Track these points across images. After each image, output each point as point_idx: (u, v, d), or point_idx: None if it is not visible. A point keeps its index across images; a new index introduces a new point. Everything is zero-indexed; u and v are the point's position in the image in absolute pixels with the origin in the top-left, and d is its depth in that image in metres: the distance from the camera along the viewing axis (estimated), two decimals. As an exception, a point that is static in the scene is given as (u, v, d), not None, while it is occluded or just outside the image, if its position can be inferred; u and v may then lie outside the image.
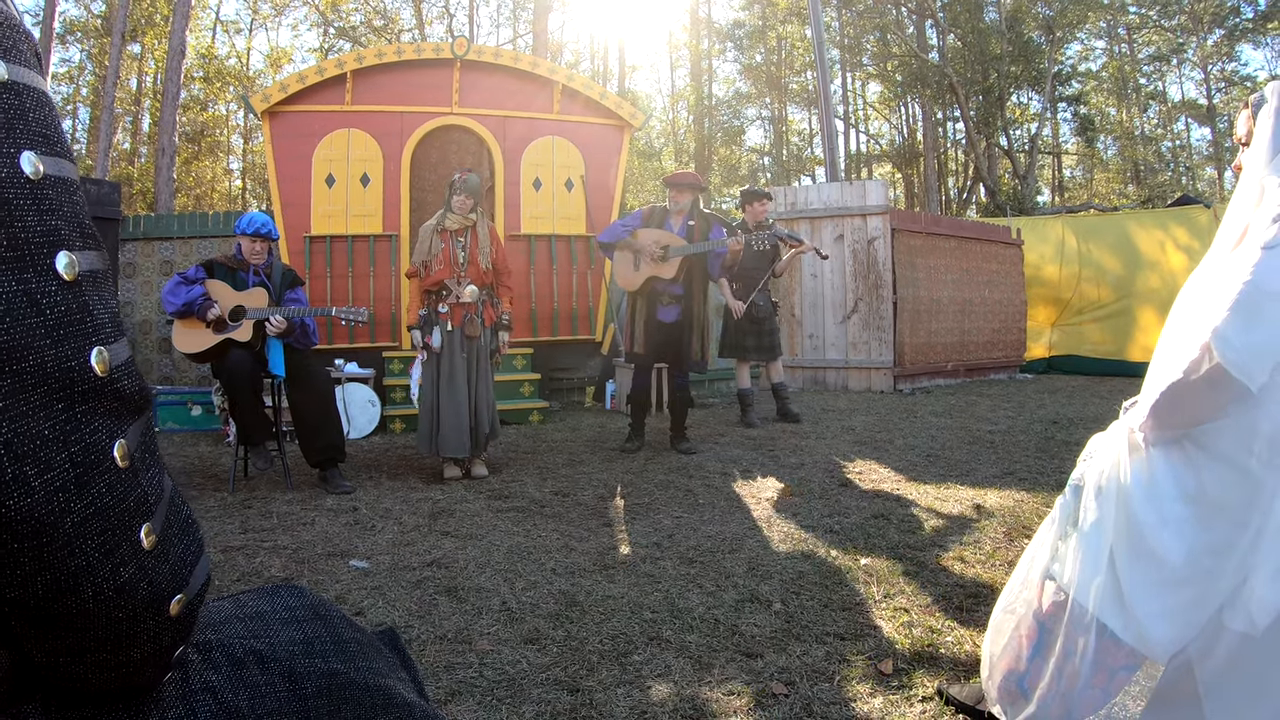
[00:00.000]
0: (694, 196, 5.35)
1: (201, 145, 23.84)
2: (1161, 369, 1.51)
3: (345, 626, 0.83)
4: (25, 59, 0.50)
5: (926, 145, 26.19)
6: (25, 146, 0.48)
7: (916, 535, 3.45)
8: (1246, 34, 24.17)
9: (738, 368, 6.64)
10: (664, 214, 5.35)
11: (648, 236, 5.23)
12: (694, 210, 5.32)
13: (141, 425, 0.54)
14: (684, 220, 5.29)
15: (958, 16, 22.24)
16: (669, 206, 5.34)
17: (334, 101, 7.13)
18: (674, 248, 5.15)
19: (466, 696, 2.07)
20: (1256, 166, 1.52)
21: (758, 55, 28.17)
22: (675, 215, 5.32)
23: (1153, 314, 9.69)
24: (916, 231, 9.07)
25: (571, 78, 7.95)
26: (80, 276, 0.50)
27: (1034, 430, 6.06)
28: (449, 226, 4.64)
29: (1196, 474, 1.49)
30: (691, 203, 5.32)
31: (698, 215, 5.31)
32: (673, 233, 5.24)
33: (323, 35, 25.95)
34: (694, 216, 5.29)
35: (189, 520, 0.60)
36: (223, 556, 3.25)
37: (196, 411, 6.83)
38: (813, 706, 2.01)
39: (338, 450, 4.48)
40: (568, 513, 3.91)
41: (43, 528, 0.46)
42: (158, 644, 0.57)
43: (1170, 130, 28.24)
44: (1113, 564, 1.56)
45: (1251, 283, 1.37)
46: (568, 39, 28.39)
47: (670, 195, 5.36)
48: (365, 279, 7.20)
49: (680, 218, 5.30)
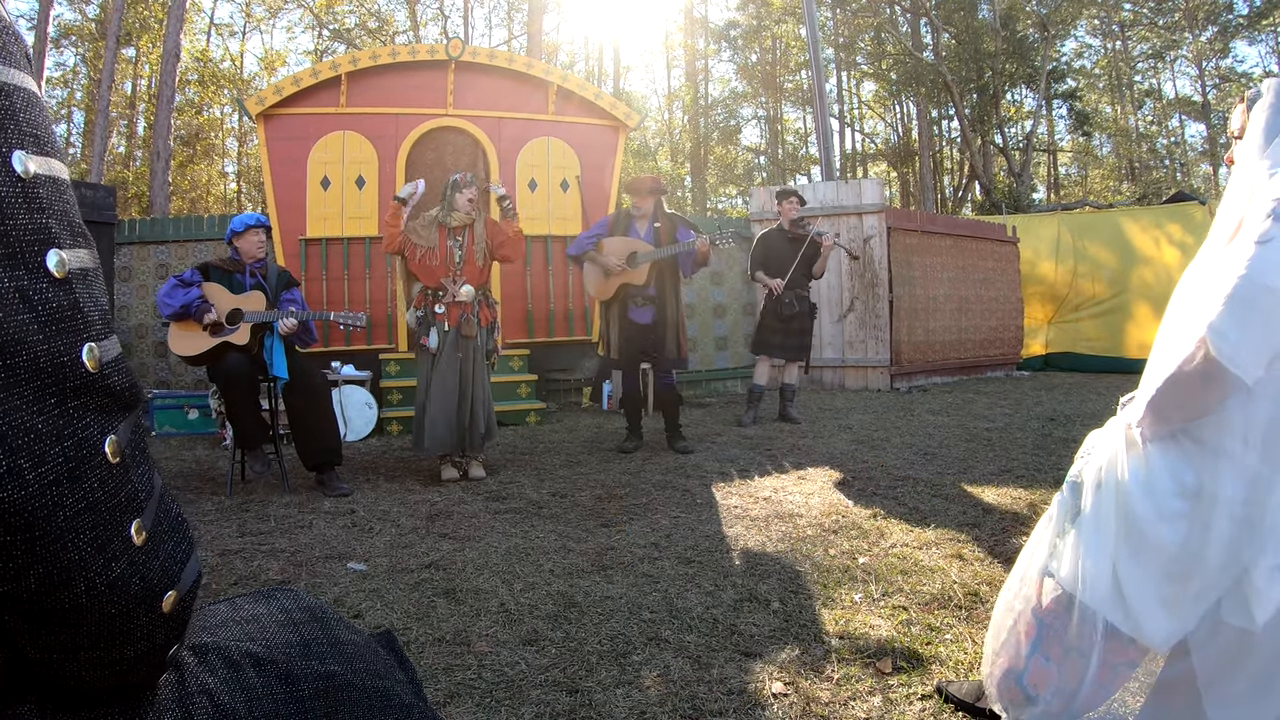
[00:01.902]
0: (656, 199, 5.33)
1: (196, 148, 23.81)
2: (1158, 364, 1.51)
3: (342, 629, 0.83)
4: (15, 60, 0.50)
5: (922, 144, 26.24)
6: (16, 146, 0.48)
7: (914, 533, 3.45)
8: (1240, 30, 24.26)
9: (759, 363, 6.56)
10: (629, 219, 5.35)
11: (613, 246, 5.24)
12: (658, 212, 5.30)
13: (132, 422, 0.55)
14: (649, 224, 5.29)
15: (952, 14, 22.27)
16: (632, 212, 5.35)
17: (329, 104, 7.12)
18: (641, 254, 5.16)
19: (465, 698, 2.07)
20: (1249, 160, 1.52)
21: (753, 55, 28.20)
22: (640, 220, 5.32)
23: (1149, 310, 9.72)
24: (912, 230, 9.08)
25: (566, 78, 7.94)
26: (71, 274, 0.50)
27: (1031, 427, 6.07)
28: (450, 223, 4.63)
29: (1194, 469, 1.50)
30: (655, 205, 5.31)
31: (663, 217, 5.29)
32: (639, 237, 5.25)
33: (317, 38, 25.92)
34: (659, 219, 5.28)
35: (179, 518, 0.60)
36: (220, 560, 3.24)
37: (193, 415, 6.81)
38: (812, 705, 2.01)
39: (335, 453, 4.47)
40: (565, 513, 3.91)
41: (36, 521, 0.47)
42: (151, 641, 0.57)
43: (1165, 127, 28.34)
44: (1112, 559, 1.56)
45: (1246, 277, 1.37)
46: (562, 40, 28.46)
47: (632, 201, 5.36)
48: (361, 281, 7.19)
49: (645, 222, 5.31)
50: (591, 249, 5.26)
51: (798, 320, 6.29)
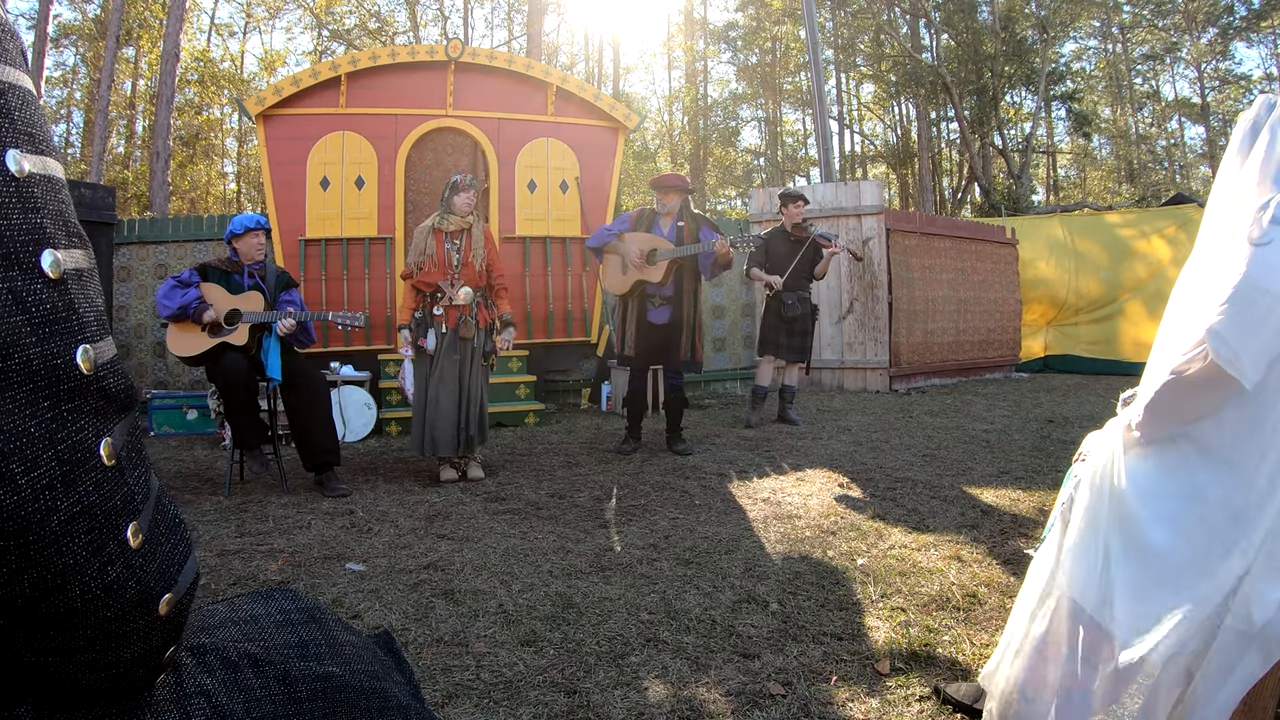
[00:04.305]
0: (682, 198, 5.32)
1: (196, 149, 23.80)
2: (1157, 366, 1.51)
3: (340, 629, 0.83)
4: (11, 57, 0.49)
5: (921, 145, 26.25)
6: (10, 144, 0.48)
7: (913, 535, 3.45)
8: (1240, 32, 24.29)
9: (761, 364, 6.52)
10: (653, 216, 5.33)
11: (635, 241, 5.22)
12: (684, 212, 5.30)
13: (128, 424, 0.54)
14: (673, 222, 5.27)
15: (951, 16, 22.30)
16: (658, 209, 5.32)
17: (328, 104, 7.12)
18: (661, 251, 5.15)
19: (463, 699, 2.06)
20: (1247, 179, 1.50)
21: (752, 56, 28.21)
22: (665, 217, 5.30)
23: (1147, 313, 9.72)
24: (911, 232, 9.08)
25: (566, 80, 7.94)
26: (66, 275, 0.50)
27: (1030, 429, 6.07)
28: (446, 228, 4.63)
29: (1192, 471, 1.49)
30: (681, 204, 5.30)
31: (688, 217, 5.29)
32: (661, 235, 5.23)
33: (317, 38, 25.92)
34: (684, 218, 5.27)
35: (176, 520, 0.60)
36: (218, 560, 3.24)
37: (192, 415, 6.81)
38: (810, 707, 2.01)
39: (333, 454, 4.47)
40: (564, 514, 3.90)
41: (29, 525, 0.46)
42: (148, 644, 0.56)
43: (1164, 129, 28.35)
44: (1108, 563, 1.56)
45: (1245, 279, 1.36)
46: (562, 41, 28.45)
47: (658, 198, 5.34)
48: (360, 282, 7.19)
49: (670, 220, 5.29)
50: (614, 240, 5.26)
51: (800, 322, 6.27)
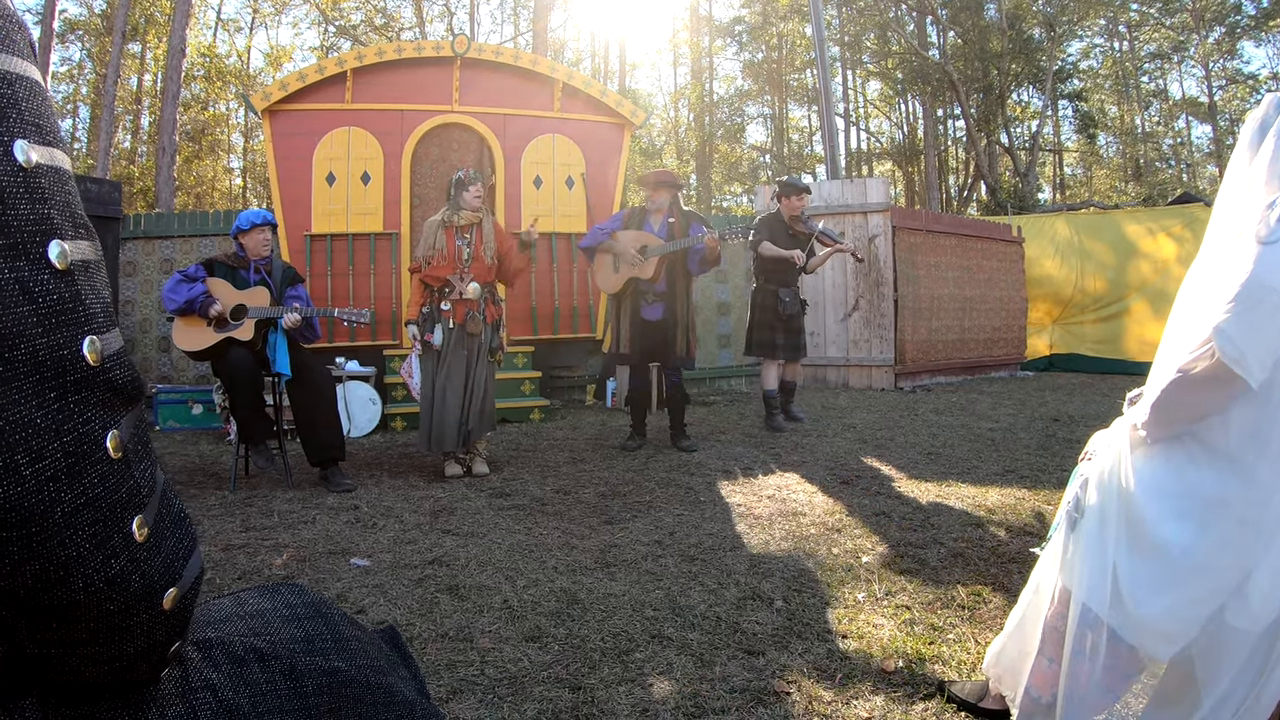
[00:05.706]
0: (672, 194, 5.31)
1: (202, 144, 23.84)
2: (1163, 365, 1.50)
3: (346, 624, 0.83)
4: (19, 49, 0.49)
5: (927, 143, 26.17)
6: (18, 135, 0.47)
7: (918, 533, 3.45)
8: (1248, 31, 24.13)
9: (764, 367, 6.25)
10: (644, 214, 5.33)
11: (627, 238, 5.22)
12: (674, 208, 5.29)
13: (134, 417, 0.54)
14: (664, 219, 5.26)
15: (958, 14, 22.21)
16: (648, 206, 5.32)
17: (334, 100, 7.12)
18: (651, 247, 5.15)
19: (468, 694, 2.07)
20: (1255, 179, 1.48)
21: (758, 53, 28.15)
22: (655, 214, 5.30)
23: (1153, 312, 9.68)
24: (917, 229, 9.06)
25: (572, 76, 7.93)
26: (73, 266, 0.50)
27: (1035, 428, 6.06)
28: (456, 222, 4.63)
29: (1198, 471, 1.49)
30: (670, 200, 5.29)
31: (678, 213, 5.28)
32: (652, 232, 5.23)
33: (323, 34, 25.96)
34: (674, 214, 5.26)
35: (181, 514, 0.60)
36: (224, 555, 3.25)
37: (197, 410, 6.83)
38: (814, 704, 2.01)
39: (338, 449, 4.47)
40: (569, 510, 3.91)
41: (32, 517, 0.46)
42: (152, 638, 0.56)
43: (1171, 128, 28.21)
44: (1114, 562, 1.55)
45: (1252, 278, 1.35)
46: (568, 37, 28.40)
47: (647, 195, 5.34)
48: (366, 277, 7.20)
49: (660, 216, 5.28)
50: (606, 240, 5.26)
51: (796, 320, 6.16)
